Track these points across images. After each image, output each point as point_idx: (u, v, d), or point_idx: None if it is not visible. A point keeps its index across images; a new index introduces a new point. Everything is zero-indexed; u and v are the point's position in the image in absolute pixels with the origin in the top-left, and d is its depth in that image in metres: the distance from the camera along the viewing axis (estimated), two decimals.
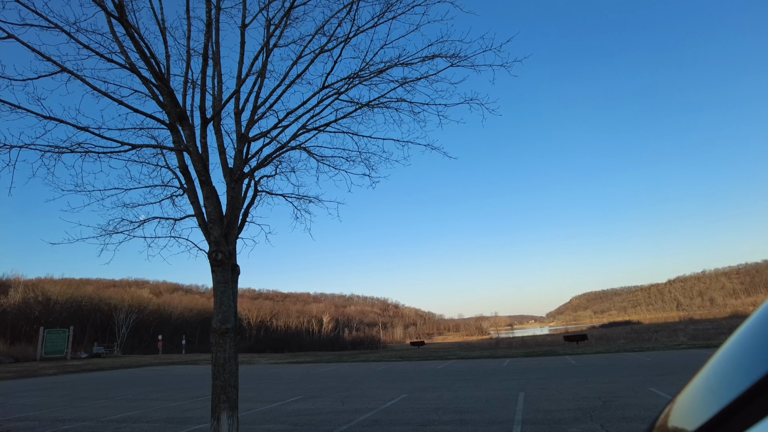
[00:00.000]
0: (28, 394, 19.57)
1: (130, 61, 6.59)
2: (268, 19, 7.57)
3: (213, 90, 7.18)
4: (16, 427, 10.93)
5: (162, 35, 6.87)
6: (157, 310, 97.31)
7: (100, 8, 6.14)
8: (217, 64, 7.30)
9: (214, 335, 5.97)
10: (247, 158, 7.07)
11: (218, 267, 6.05)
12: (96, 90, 6.40)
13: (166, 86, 6.32)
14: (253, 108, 7.31)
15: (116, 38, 6.62)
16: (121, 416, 12.40)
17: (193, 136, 6.43)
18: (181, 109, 6.39)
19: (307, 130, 7.56)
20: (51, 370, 35.85)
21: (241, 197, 6.86)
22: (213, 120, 6.76)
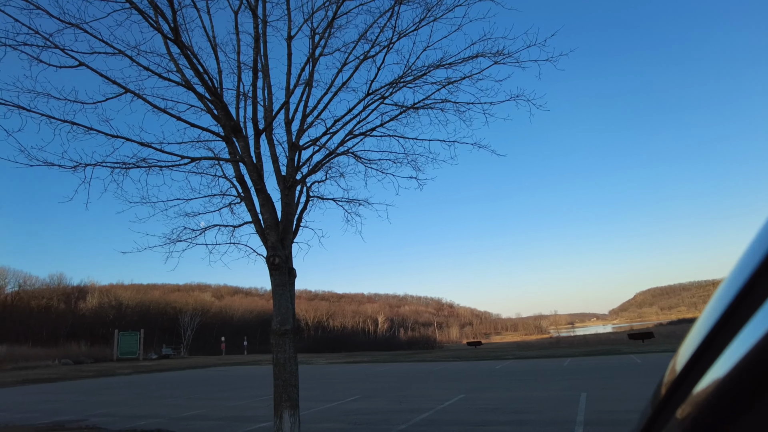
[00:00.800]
0: (107, 392, 20.99)
1: (186, 79, 6.98)
2: (312, 29, 7.79)
3: (264, 101, 7.47)
4: (99, 422, 11.77)
5: (213, 52, 7.24)
6: (219, 312, 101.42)
7: (157, 31, 6.54)
8: (267, 76, 7.59)
9: (274, 336, 6.23)
10: (299, 166, 7.31)
11: (276, 271, 6.31)
12: (156, 108, 6.82)
13: (219, 101, 6.65)
14: (302, 117, 7.54)
15: (172, 58, 7.02)
16: (189, 414, 13.08)
17: (248, 147, 6.74)
18: (234, 122, 6.70)
19: (354, 135, 7.72)
20: (126, 370, 38.21)
21: (294, 203, 7.11)
22: (265, 131, 7.04)
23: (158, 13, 6.34)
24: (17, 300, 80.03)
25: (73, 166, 6.12)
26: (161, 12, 6.33)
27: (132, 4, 6.22)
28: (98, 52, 6.23)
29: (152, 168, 6.60)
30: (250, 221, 6.89)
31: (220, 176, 7.77)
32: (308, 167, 7.61)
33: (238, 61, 7.34)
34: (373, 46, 7.43)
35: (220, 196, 7.78)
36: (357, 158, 8.24)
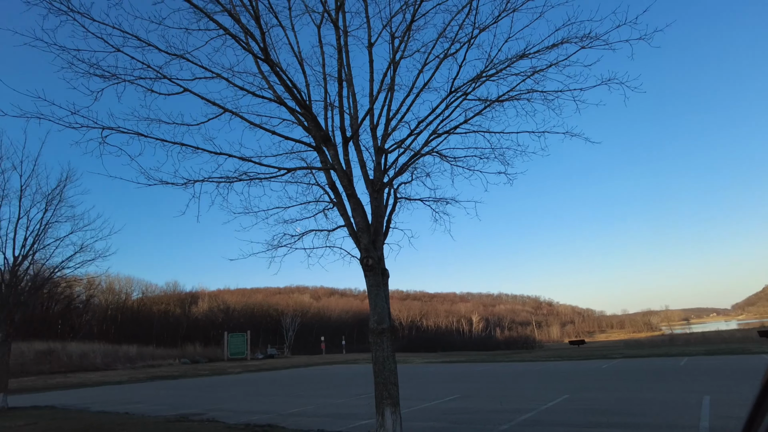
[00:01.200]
0: (221, 389, 22.75)
1: (277, 94, 7.44)
2: (391, 33, 7.91)
3: (349, 110, 7.73)
4: (217, 416, 12.80)
5: (300, 66, 7.62)
6: (317, 313, 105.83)
7: (249, 53, 7.03)
8: (351, 84, 7.85)
9: (372, 335, 6.44)
10: (386, 169, 7.48)
11: (370, 272, 6.52)
12: (252, 124, 7.34)
13: (309, 112, 7.01)
14: (386, 121, 7.70)
15: (263, 76, 7.51)
16: (297, 410, 13.80)
17: (337, 155, 7.04)
18: (324, 131, 7.03)
19: (438, 134, 7.74)
20: (236, 369, 41.15)
21: (383, 206, 7.29)
22: (352, 138, 7.30)
23: (248, 35, 6.81)
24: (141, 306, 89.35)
25: (184, 183, 6.78)
26: (251, 34, 6.79)
27: (225, 29, 6.74)
28: (199, 78, 6.83)
29: (253, 180, 7.13)
30: (343, 225, 7.18)
31: (314, 184, 8.18)
32: (394, 170, 7.75)
33: (323, 73, 7.67)
34: (452, 43, 7.40)
35: (315, 202, 8.19)
36: (442, 157, 8.25)
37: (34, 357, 41.26)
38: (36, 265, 17.74)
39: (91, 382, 30.62)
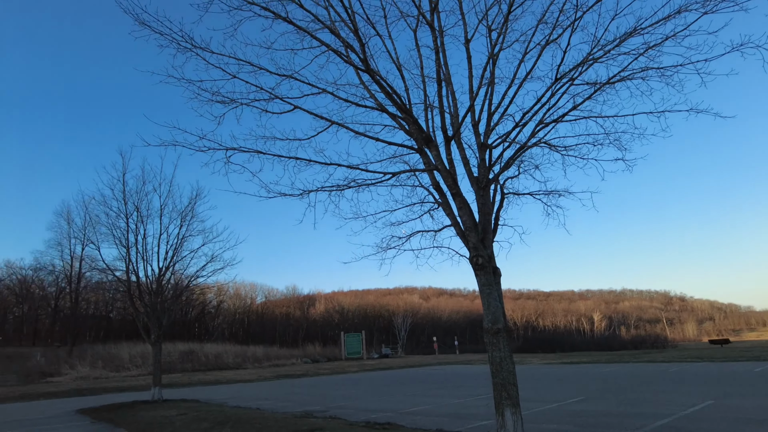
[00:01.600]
0: (340, 387, 23.77)
1: (378, 102, 7.66)
2: (488, 26, 7.75)
3: (449, 109, 7.72)
4: (339, 413, 13.41)
5: (399, 72, 7.75)
6: (427, 314, 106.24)
7: (350, 65, 7.33)
8: (449, 83, 7.83)
9: (487, 335, 6.36)
10: (490, 165, 7.35)
11: (480, 271, 6.45)
12: (356, 133, 7.63)
13: (410, 116, 7.13)
14: (488, 116, 7.57)
15: (365, 86, 7.77)
16: (414, 409, 13.99)
17: (440, 155, 7.07)
18: (425, 133, 7.10)
19: (545, 124, 7.43)
20: (354, 368, 42.74)
21: (490, 203, 7.17)
22: (454, 137, 7.29)
23: (349, 48, 7.10)
24: (265, 309, 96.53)
25: (300, 193, 7.27)
26: (351, 47, 7.08)
27: (327, 46, 7.10)
28: (307, 95, 7.28)
29: (361, 186, 7.44)
30: (449, 225, 7.19)
31: (418, 186, 8.29)
32: (500, 165, 7.58)
33: (422, 76, 7.75)
34: (554, 29, 7.07)
35: (420, 203, 8.29)
36: (551, 147, 7.90)
37: (179, 356, 46.42)
38: (176, 275, 20.03)
39: (226, 380, 33.68)
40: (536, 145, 7.69)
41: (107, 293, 61.54)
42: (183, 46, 6.66)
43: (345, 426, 10.59)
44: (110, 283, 29.72)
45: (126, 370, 40.38)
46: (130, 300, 19.57)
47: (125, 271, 18.89)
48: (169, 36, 6.57)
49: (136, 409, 15.43)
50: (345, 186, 7.40)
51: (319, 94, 7.38)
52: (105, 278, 25.07)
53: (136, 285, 18.71)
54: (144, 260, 18.69)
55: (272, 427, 10.53)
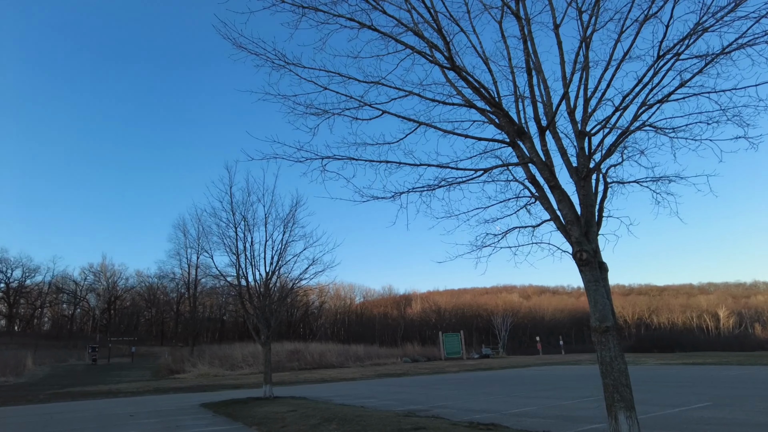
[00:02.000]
0: (441, 387, 23.72)
1: (466, 98, 7.55)
2: (578, 9, 7.32)
3: (542, 98, 7.40)
4: (441, 412, 13.40)
5: (486, 65, 7.58)
6: (528, 313, 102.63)
7: (435, 64, 7.31)
8: (540, 72, 7.51)
9: (595, 334, 6.01)
10: (590, 153, 6.93)
11: (585, 266, 6.11)
12: (445, 131, 7.58)
13: (500, 109, 6.95)
14: (584, 102, 7.15)
15: (451, 83, 7.69)
16: (519, 410, 13.60)
17: (534, 147, 6.81)
18: (517, 125, 6.88)
19: (649, 106, 6.86)
20: (453, 368, 42.43)
21: (592, 194, 6.77)
22: (549, 127, 6.98)
23: (433, 48, 7.09)
24: (364, 309, 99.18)
25: (392, 195, 7.38)
26: (435, 46, 7.06)
27: (412, 48, 7.15)
28: (394, 98, 7.39)
29: (452, 185, 7.37)
30: (548, 219, 6.89)
31: (512, 180, 8.03)
32: (601, 153, 7.12)
33: (510, 67, 7.51)
34: (653, 2, 6.51)
35: (515, 199, 8.02)
36: (657, 130, 7.27)
37: (286, 355, 49.10)
38: (281, 278, 21.26)
39: (330, 378, 35.04)
40: (640, 129, 7.11)
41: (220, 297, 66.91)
42: (277, 64, 7.06)
43: (448, 425, 10.56)
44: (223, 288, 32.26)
45: (239, 369, 43.52)
46: (241, 303, 21.15)
47: (236, 277, 20.43)
48: (263, 56, 7.00)
49: (251, 405, 16.57)
50: (436, 185, 7.38)
51: (405, 97, 7.45)
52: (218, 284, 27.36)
53: (246, 289, 20.14)
54: (252, 266, 20.08)
55: (376, 425, 10.78)
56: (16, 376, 37.68)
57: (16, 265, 69.70)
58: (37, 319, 78.10)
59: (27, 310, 76.07)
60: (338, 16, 6.83)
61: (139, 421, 14.55)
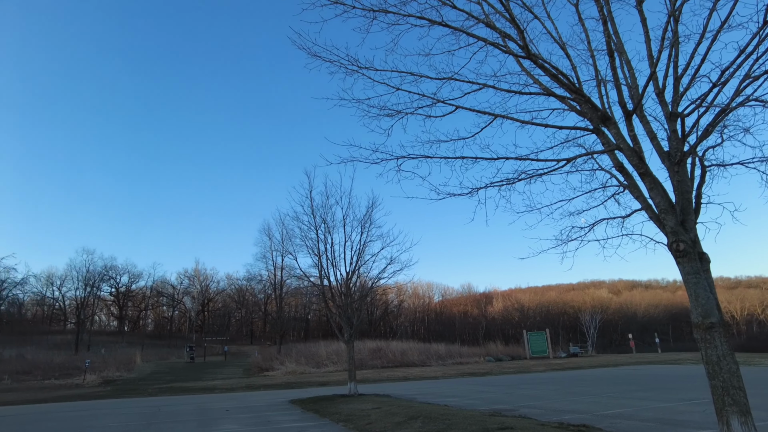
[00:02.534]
0: (527, 387, 23.01)
1: (543, 86, 7.27)
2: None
3: (626, 80, 6.96)
4: (528, 413, 13.01)
5: (563, 51, 7.27)
6: (619, 309, 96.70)
7: (509, 54, 7.11)
8: (622, 53, 7.07)
9: (698, 331, 5.54)
10: (684, 135, 6.42)
11: (683, 258, 5.66)
12: (522, 122, 7.35)
13: (581, 96, 6.62)
14: (675, 81, 6.64)
15: (527, 72, 7.44)
16: (611, 412, 12.88)
17: (620, 133, 6.42)
18: (601, 111, 6.52)
19: (754, 78, 6.21)
20: (539, 367, 41.03)
21: (687, 179, 6.26)
22: (635, 110, 6.54)
23: (506, 38, 6.90)
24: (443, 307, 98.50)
25: (469, 191, 7.27)
26: (509, 36, 6.87)
27: (484, 40, 7.00)
28: (468, 93, 7.28)
29: (532, 177, 7.12)
30: (639, 209, 6.47)
31: (597, 169, 7.63)
32: (696, 134, 6.56)
33: (590, 50, 7.15)
34: None
35: (601, 188, 7.62)
36: (766, 104, 6.57)
37: (368, 353, 49.96)
38: (361, 278, 21.70)
39: (413, 376, 35.18)
40: (743, 105, 6.45)
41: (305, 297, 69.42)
42: (350, 69, 7.21)
43: (536, 426, 10.23)
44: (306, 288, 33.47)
45: (324, 366, 44.90)
46: (324, 302, 21.84)
47: (318, 277, 21.15)
48: (337, 62, 7.18)
49: (336, 402, 17.05)
50: (515, 179, 7.17)
51: (479, 90, 7.31)
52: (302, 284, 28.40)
53: (328, 288, 20.78)
54: (333, 266, 20.68)
55: (460, 424, 10.67)
56: (127, 371, 41.50)
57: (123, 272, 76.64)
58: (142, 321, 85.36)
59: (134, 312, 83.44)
60: (408, 15, 6.84)
61: (234, 416, 15.46)
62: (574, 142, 7.70)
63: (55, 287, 73.80)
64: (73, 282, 70.93)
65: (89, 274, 69.56)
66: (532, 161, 7.08)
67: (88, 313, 72.16)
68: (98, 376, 36.81)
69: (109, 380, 36.46)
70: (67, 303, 75.12)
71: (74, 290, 71.50)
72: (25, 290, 54.89)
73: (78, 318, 67.97)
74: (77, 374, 37.85)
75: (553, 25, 7.37)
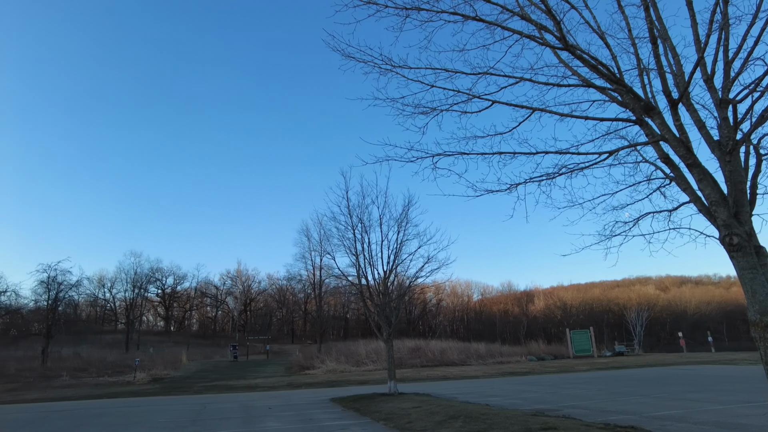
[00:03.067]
0: (570, 386, 22.45)
1: (582, 78, 7.06)
2: None
3: (670, 68, 6.67)
4: (572, 413, 12.68)
5: (602, 40, 7.03)
6: (667, 306, 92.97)
7: (545, 46, 6.93)
8: (666, 39, 6.78)
9: (756, 329, 5.24)
10: (736, 123, 6.08)
11: (737, 252, 5.37)
12: (561, 115, 7.16)
13: (622, 86, 6.39)
14: (725, 66, 6.31)
15: (565, 64, 7.25)
16: (662, 414, 12.39)
17: (665, 123, 6.14)
18: (644, 101, 6.26)
19: None
20: (583, 366, 39.95)
21: (741, 169, 5.93)
22: (681, 99, 6.25)
23: (542, 29, 6.73)
24: (482, 306, 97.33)
25: (507, 187, 7.12)
26: (545, 28, 6.69)
27: (519, 33, 6.85)
28: (504, 87, 7.14)
29: (573, 172, 6.91)
30: (688, 201, 6.18)
31: (641, 161, 7.35)
32: (750, 121, 6.21)
33: (630, 38, 6.89)
34: None
35: (646, 181, 7.32)
36: None
37: (407, 352, 49.91)
38: (398, 276, 21.68)
39: (452, 376, 34.90)
40: None
41: (343, 296, 70.11)
42: (384, 69, 7.20)
43: (580, 426, 9.95)
44: (345, 288, 33.77)
45: (364, 365, 45.14)
46: (362, 301, 21.95)
47: (356, 276, 21.26)
48: (371, 62, 7.18)
49: (377, 401, 17.10)
50: (555, 173, 6.97)
51: (516, 84, 7.17)
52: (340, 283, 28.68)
53: (366, 288, 20.87)
54: (371, 265, 20.75)
55: (502, 423, 10.50)
56: (174, 369, 42.98)
57: (168, 274, 79.49)
58: (187, 321, 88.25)
59: (179, 312, 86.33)
60: (441, 12, 6.77)
61: (277, 414, 15.75)
62: (616, 134, 7.44)
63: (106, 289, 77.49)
64: (123, 284, 74.27)
65: (137, 276, 72.61)
66: (572, 155, 6.88)
67: (137, 314, 75.20)
68: (147, 374, 38.27)
69: (157, 378, 37.86)
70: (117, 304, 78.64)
71: (123, 292, 74.86)
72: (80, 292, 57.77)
73: (127, 318, 70.93)
74: (128, 372, 39.51)
75: (591, 14, 7.14)
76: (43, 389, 32.58)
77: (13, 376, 38.31)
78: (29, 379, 37.23)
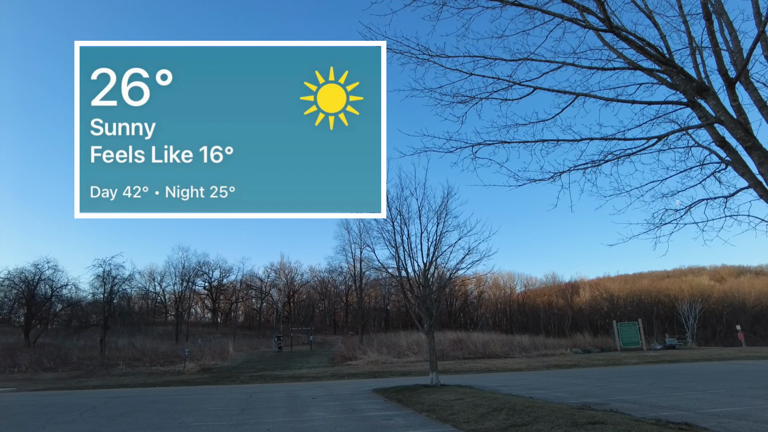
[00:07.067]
0: (618, 380, 21.79)
1: (628, 60, 6.77)
2: None
3: (726, 45, 6.30)
4: (621, 407, 12.30)
5: (651, 20, 6.72)
6: (723, 297, 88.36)
7: (589, 29, 6.67)
8: (722, 14, 6.39)
9: None
10: None
11: None
12: (606, 99, 6.90)
13: (673, 66, 6.08)
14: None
15: (609, 46, 6.96)
16: (719, 411, 11.85)
17: (720, 104, 5.81)
18: (696, 81, 5.94)
19: None
20: (632, 360, 38.68)
21: None
22: (739, 77, 5.89)
23: (584, 11, 6.48)
24: (526, 298, 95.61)
25: (551, 176, 6.93)
26: (587, 9, 6.45)
27: (560, 16, 6.63)
28: (545, 72, 6.95)
29: (620, 158, 6.66)
30: (746, 187, 5.83)
31: (693, 146, 6.98)
32: None
33: (681, 15, 6.54)
34: None
35: (699, 166, 6.95)
36: None
37: (449, 344, 49.70)
38: (438, 268, 21.58)
39: (495, 368, 34.53)
40: None
41: (383, 288, 70.51)
42: (421, 59, 7.12)
43: (630, 421, 9.62)
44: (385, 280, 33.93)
45: (405, 356, 45.27)
46: (402, 293, 21.98)
47: (396, 268, 21.29)
48: (407, 53, 7.11)
49: (419, 393, 17.11)
50: (601, 161, 6.72)
51: (558, 69, 6.94)
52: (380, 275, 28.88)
53: (406, 280, 20.87)
54: (410, 257, 20.72)
55: (548, 417, 10.30)
56: (222, 360, 44.49)
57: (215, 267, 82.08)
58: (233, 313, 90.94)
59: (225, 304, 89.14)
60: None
61: (321, 404, 16.04)
62: (666, 117, 7.09)
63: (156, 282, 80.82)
64: (171, 278, 77.30)
65: (185, 270, 75.36)
66: (618, 141, 6.62)
67: (185, 306, 78.17)
68: (196, 364, 39.78)
69: (206, 368, 39.29)
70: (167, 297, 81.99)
71: (173, 285, 77.91)
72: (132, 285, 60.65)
73: (177, 310, 73.88)
74: (178, 362, 41.21)
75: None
76: (102, 377, 34.48)
77: (76, 363, 40.75)
78: (90, 367, 39.47)
